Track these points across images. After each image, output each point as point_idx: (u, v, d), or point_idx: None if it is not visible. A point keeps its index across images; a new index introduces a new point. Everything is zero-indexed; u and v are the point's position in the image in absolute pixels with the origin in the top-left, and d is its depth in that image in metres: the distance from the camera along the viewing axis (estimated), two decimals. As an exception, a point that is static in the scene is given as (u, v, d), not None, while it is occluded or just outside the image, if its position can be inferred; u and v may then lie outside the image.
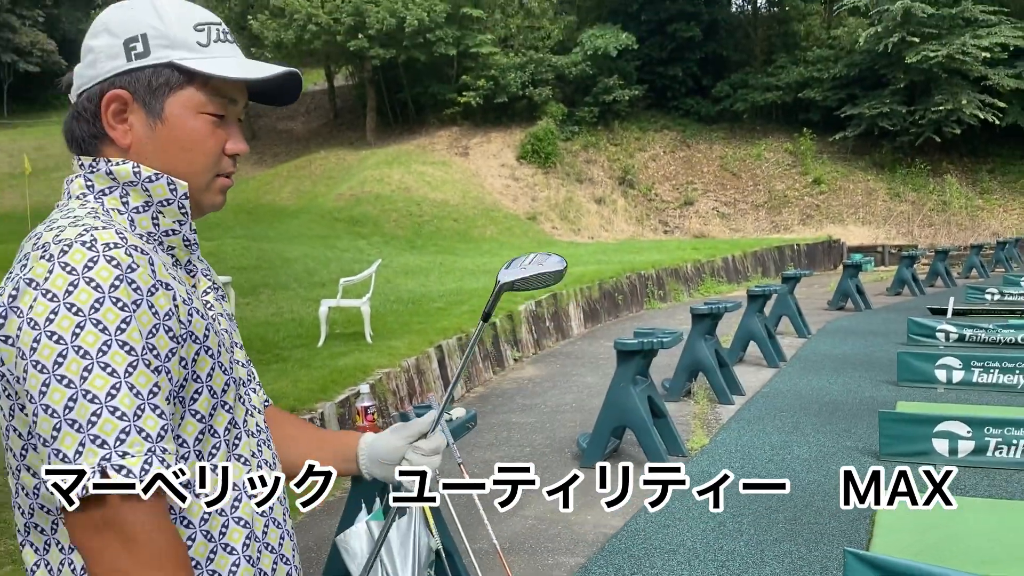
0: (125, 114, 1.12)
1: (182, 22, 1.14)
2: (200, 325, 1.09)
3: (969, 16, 26.17)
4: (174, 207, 1.14)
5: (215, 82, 1.14)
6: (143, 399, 0.97)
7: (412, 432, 1.38)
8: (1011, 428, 5.39)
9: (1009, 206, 26.06)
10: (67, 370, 0.94)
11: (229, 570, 1.11)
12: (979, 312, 12.16)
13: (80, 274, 0.97)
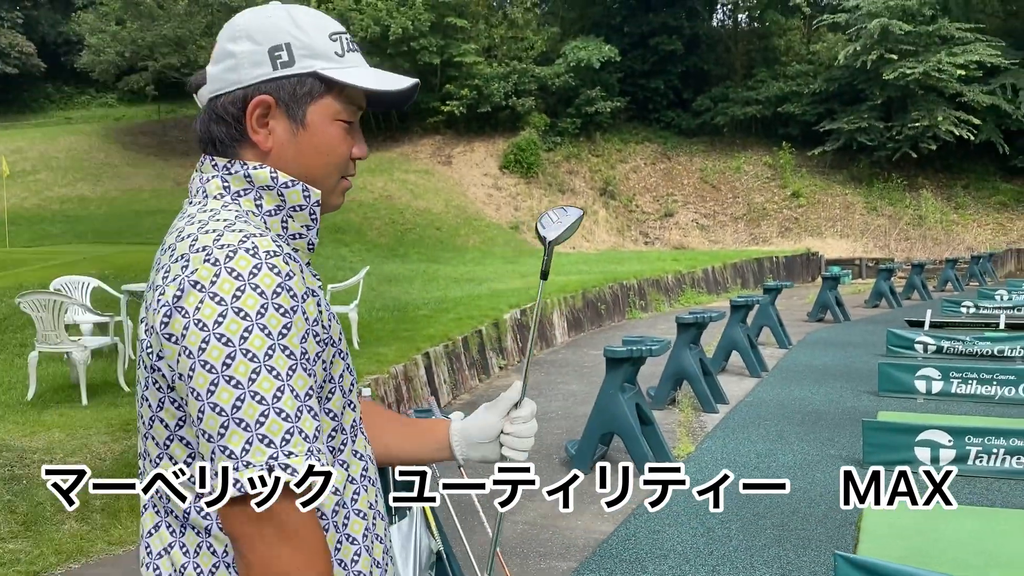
0: (267, 119, 1.16)
1: (319, 32, 1.18)
2: (336, 329, 1.15)
3: (945, 34, 26.66)
4: (305, 213, 1.18)
5: (350, 91, 1.19)
6: (301, 401, 1.01)
7: (503, 406, 1.42)
8: (991, 437, 5.50)
9: (983, 221, 26.50)
10: (235, 371, 0.98)
11: (352, 559, 1.15)
12: (955, 325, 12.37)
13: (246, 280, 1.01)
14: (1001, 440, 5.48)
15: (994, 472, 5.46)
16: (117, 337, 6.67)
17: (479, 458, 1.43)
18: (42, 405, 5.91)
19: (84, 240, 19.43)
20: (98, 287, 8.32)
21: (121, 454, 5.03)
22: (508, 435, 1.40)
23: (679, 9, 31.10)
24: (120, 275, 11.46)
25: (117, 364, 6.53)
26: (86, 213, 24.36)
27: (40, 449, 4.95)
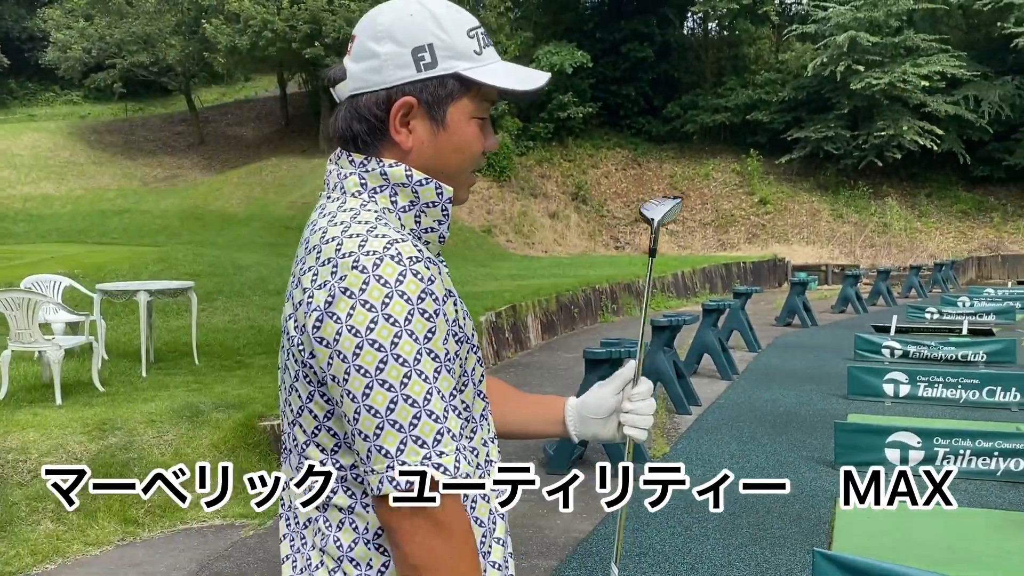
0: (409, 119, 1.19)
1: (459, 29, 1.20)
2: (469, 326, 1.20)
3: (911, 44, 27.21)
4: (437, 209, 1.21)
5: (486, 89, 1.21)
6: (447, 402, 1.08)
7: (618, 383, 1.42)
8: (958, 439, 5.64)
9: (945, 229, 27.06)
10: (388, 375, 1.05)
11: (485, 550, 1.22)
12: (920, 330, 12.62)
13: (393, 287, 1.06)
14: (967, 441, 5.62)
15: (961, 473, 5.59)
16: (91, 336, 6.60)
17: (591, 436, 1.44)
18: (15, 405, 5.83)
19: (48, 239, 19.13)
20: (69, 286, 8.22)
21: (97, 454, 4.99)
22: (628, 413, 1.41)
23: (651, 17, 31.41)
24: (89, 275, 11.32)
25: (91, 364, 6.46)
26: (50, 212, 24.00)
27: (14, 449, 4.89)
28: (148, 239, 18.97)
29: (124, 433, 5.20)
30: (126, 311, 10.00)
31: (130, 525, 4.70)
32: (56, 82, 38.02)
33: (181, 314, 10.25)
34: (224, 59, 27.71)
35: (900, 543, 4.47)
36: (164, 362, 7.63)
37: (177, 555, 4.42)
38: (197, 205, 24.74)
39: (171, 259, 13.73)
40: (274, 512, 5.03)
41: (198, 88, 35.50)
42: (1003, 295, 17.52)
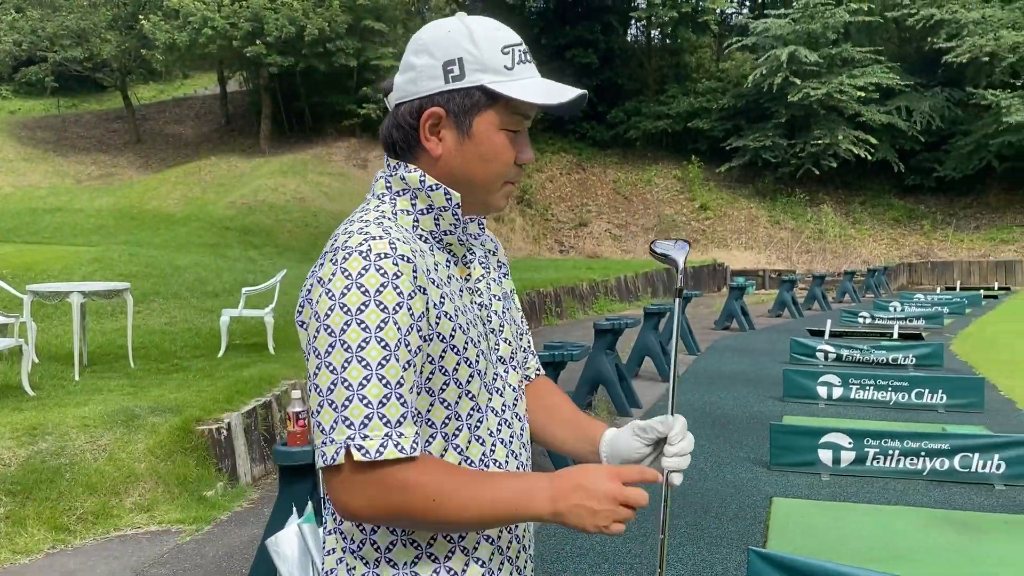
0: (439, 128, 1.27)
1: (492, 46, 1.26)
2: (447, 327, 1.23)
3: (847, 56, 28.01)
4: (449, 213, 1.29)
5: (516, 103, 1.26)
6: (391, 389, 1.14)
7: (651, 436, 1.35)
8: (887, 440, 5.83)
9: (878, 236, 27.87)
10: (333, 359, 1.15)
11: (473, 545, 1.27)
12: (853, 334, 12.98)
13: (354, 279, 1.16)
14: (896, 442, 5.81)
15: (890, 473, 5.78)
16: (21, 339, 6.40)
17: None
18: (-62, 409, 5.62)
19: (-25, 238, 18.45)
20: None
21: (27, 459, 4.84)
22: (672, 457, 1.32)
23: (595, 23, 31.72)
24: (18, 275, 10.97)
25: (20, 367, 6.27)
26: (-23, 210, 23.16)
27: (-62, 455, 4.72)
28: (82, 239, 18.44)
29: (55, 438, 5.06)
30: (58, 313, 9.72)
31: (61, 532, 4.58)
32: (-16, 76, 36.73)
33: (116, 316, 10.00)
34: (162, 56, 27.09)
35: (833, 540, 4.60)
36: (98, 365, 7.43)
37: (111, 562, 4.31)
38: (133, 204, 24.13)
39: (106, 259, 13.38)
40: (211, 517, 4.96)
41: (135, 85, 34.64)
42: (932, 300, 18.12)
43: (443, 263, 1.30)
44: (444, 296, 1.24)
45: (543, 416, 1.51)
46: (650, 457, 1.38)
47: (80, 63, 29.56)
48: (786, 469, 5.92)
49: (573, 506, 1.18)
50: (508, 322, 1.40)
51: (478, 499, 1.17)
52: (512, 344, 1.39)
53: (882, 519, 4.95)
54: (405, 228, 1.27)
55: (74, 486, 4.83)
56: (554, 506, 1.17)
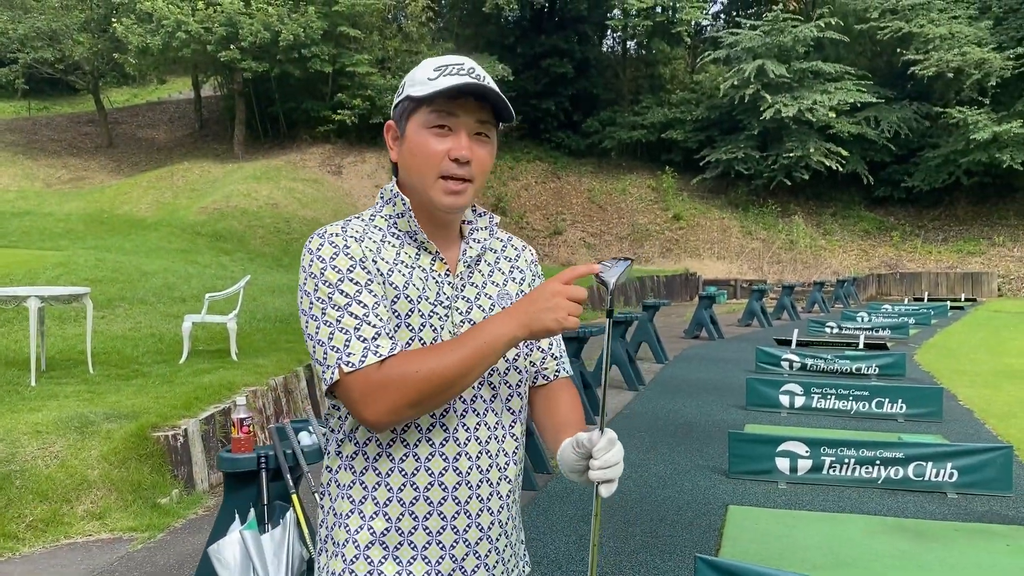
0: (395, 139, 1.55)
1: (427, 67, 1.50)
2: (391, 293, 1.45)
3: (817, 70, 28.36)
4: (406, 219, 1.52)
5: (436, 104, 1.47)
6: (359, 319, 1.40)
7: (583, 451, 1.41)
8: (843, 448, 5.89)
9: (848, 247, 28.19)
10: (313, 311, 1.43)
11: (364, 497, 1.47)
12: (820, 344, 13.12)
13: (314, 253, 1.45)
14: (852, 451, 5.87)
15: (845, 481, 5.84)
16: (-25, 343, 6.31)
17: (574, 480, 1.46)
18: None
19: (-60, 241, 18.17)
20: (-45, 290, 7.84)
21: (-24, 466, 4.78)
22: (597, 470, 1.38)
23: (571, 33, 31.90)
24: (-20, 279, 10.81)
25: (-26, 372, 6.18)
26: (-57, 212, 22.81)
27: None
28: (50, 243, 18.21)
29: (6, 444, 4.99)
30: (19, 317, 9.59)
31: (9, 540, 4.52)
32: (-47, 77, 36.25)
33: (79, 321, 9.88)
34: (135, 60, 26.88)
35: (786, 548, 4.64)
36: (56, 371, 7.34)
37: (58, 571, 4.26)
38: (103, 209, 23.88)
39: (71, 264, 13.22)
40: (164, 525, 4.91)
41: (107, 88, 34.33)
42: (899, 311, 18.35)
43: (413, 255, 1.51)
44: (393, 270, 1.47)
45: (540, 417, 1.64)
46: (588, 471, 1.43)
47: (51, 65, 29.26)
48: (744, 477, 5.97)
49: (532, 312, 1.38)
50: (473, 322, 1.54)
51: (455, 351, 1.37)
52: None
53: (834, 527, 5.00)
54: (378, 226, 1.51)
55: (24, 493, 4.77)
56: (517, 321, 1.38)
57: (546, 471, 6.09)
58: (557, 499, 5.48)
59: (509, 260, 1.63)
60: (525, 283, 1.63)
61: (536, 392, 1.66)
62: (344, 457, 1.49)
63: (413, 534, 1.44)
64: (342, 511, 1.48)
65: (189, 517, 5.10)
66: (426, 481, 1.44)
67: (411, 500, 1.44)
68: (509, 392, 1.54)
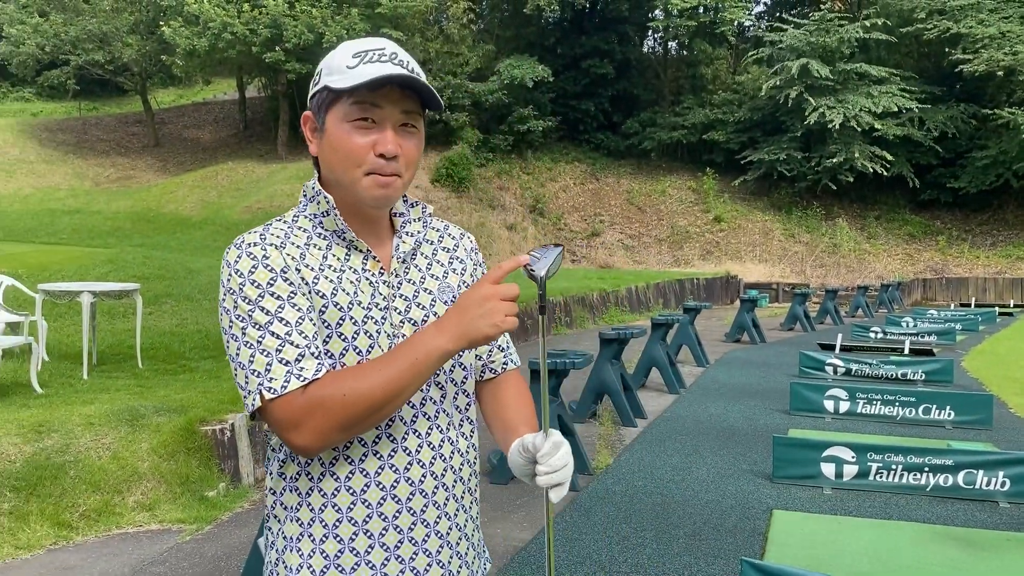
0: (314, 130, 1.44)
1: (345, 53, 1.39)
2: (319, 303, 1.37)
3: (862, 72, 27.91)
4: (331, 218, 1.43)
5: (357, 95, 1.36)
6: (281, 339, 1.32)
7: (528, 455, 1.38)
8: (891, 454, 5.80)
9: (892, 251, 27.72)
10: (233, 330, 1.35)
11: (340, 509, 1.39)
12: (864, 349, 12.92)
13: (232, 266, 1.37)
14: (900, 457, 5.78)
15: (892, 488, 5.75)
16: (31, 337, 6.48)
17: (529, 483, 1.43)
18: (-52, 405, 5.70)
19: (-6, 238, 18.67)
20: (11, 286, 8.05)
21: (32, 456, 4.90)
22: (543, 476, 1.35)
23: (611, 34, 31.79)
24: (34, 274, 11.09)
25: (29, 365, 6.34)
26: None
27: (-55, 449, 4.79)
28: (98, 240, 18.63)
29: (61, 436, 5.11)
30: (71, 312, 9.82)
31: (63, 529, 4.63)
32: (7, 78, 37.22)
33: (127, 317, 10.09)
34: (182, 61, 27.36)
35: (832, 554, 4.59)
36: (107, 365, 7.51)
37: (111, 560, 4.36)
38: (150, 207, 24.35)
39: (120, 261, 13.51)
40: (212, 517, 4.99)
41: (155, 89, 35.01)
42: (945, 317, 17.99)
43: (342, 256, 1.42)
44: (319, 277, 1.38)
45: (489, 414, 1.58)
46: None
47: (101, 66, 29.91)
48: (789, 482, 5.91)
49: (466, 322, 1.31)
50: (437, 315, 1.46)
51: (385, 370, 1.31)
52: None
53: (882, 533, 4.93)
54: (302, 228, 1.42)
55: (78, 483, 4.88)
56: (450, 333, 1.31)
57: (587, 472, 6.09)
58: (598, 500, 5.47)
59: (447, 251, 1.55)
60: (467, 273, 1.56)
61: (483, 387, 1.59)
62: (288, 478, 1.41)
63: (370, 553, 1.37)
64: (292, 534, 1.39)
65: (235, 510, 5.18)
66: (378, 497, 1.37)
67: (363, 519, 1.36)
68: (456, 390, 1.48)
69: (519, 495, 5.59)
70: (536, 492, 5.67)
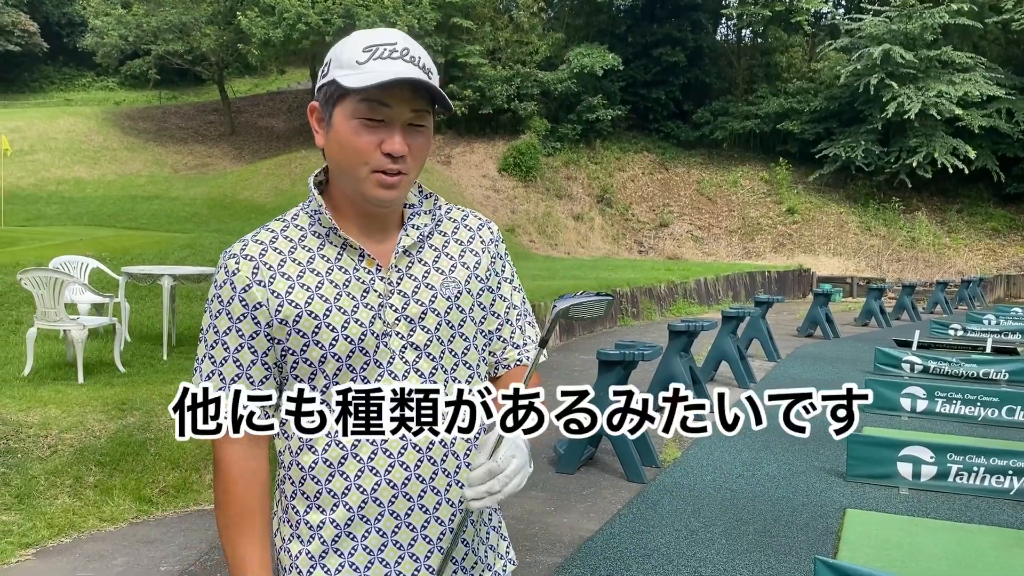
0: (320, 121, 1.41)
1: (355, 46, 1.35)
2: (291, 313, 1.38)
3: (946, 59, 26.87)
4: (324, 216, 1.42)
5: (368, 92, 1.32)
6: (216, 366, 1.41)
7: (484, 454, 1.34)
8: (972, 456, 5.60)
9: (974, 246, 26.71)
10: (201, 331, 1.47)
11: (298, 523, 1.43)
12: (943, 346, 12.49)
13: (214, 276, 1.44)
14: (981, 459, 5.58)
15: (973, 490, 5.55)
16: (115, 318, 6.72)
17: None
18: (38, 381, 5.96)
19: (79, 222, 19.43)
20: (96, 268, 8.36)
21: (116, 432, 5.09)
22: (470, 499, 1.32)
23: (684, 22, 31.30)
24: (116, 258, 11.50)
25: (113, 345, 6.58)
26: (82, 195, 24.37)
27: (36, 424, 5.00)
28: (176, 226, 19.21)
29: (143, 414, 5.29)
30: (151, 295, 10.15)
31: (144, 504, 4.79)
32: (93, 68, 38.61)
33: (204, 301, 10.39)
34: (258, 51, 27.95)
35: (907, 555, 4.46)
36: (185, 346, 7.74)
37: (189, 535, 4.50)
38: (226, 194, 24.99)
39: (197, 246, 13.91)
40: (285, 497, 5.11)
41: (231, 78, 35.85)
42: (1030, 315, 17.27)
43: (333, 256, 1.41)
44: (294, 287, 1.38)
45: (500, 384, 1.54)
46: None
47: (181, 56, 30.77)
48: (863, 481, 5.75)
49: None
50: (437, 312, 1.42)
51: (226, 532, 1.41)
52: (434, 333, 1.41)
53: (961, 537, 4.77)
54: (298, 227, 1.43)
55: (158, 460, 5.05)
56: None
57: (655, 465, 6.04)
58: (666, 492, 5.43)
59: (460, 243, 1.49)
60: (480, 267, 1.50)
61: (496, 382, 1.57)
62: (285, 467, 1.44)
63: (367, 538, 1.37)
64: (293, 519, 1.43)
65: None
66: (372, 482, 1.36)
67: (359, 504, 1.36)
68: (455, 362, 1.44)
69: (585, 486, 5.58)
70: (602, 482, 5.65)
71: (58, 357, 6.82)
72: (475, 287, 1.48)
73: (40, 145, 28.27)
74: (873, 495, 5.52)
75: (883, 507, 5.28)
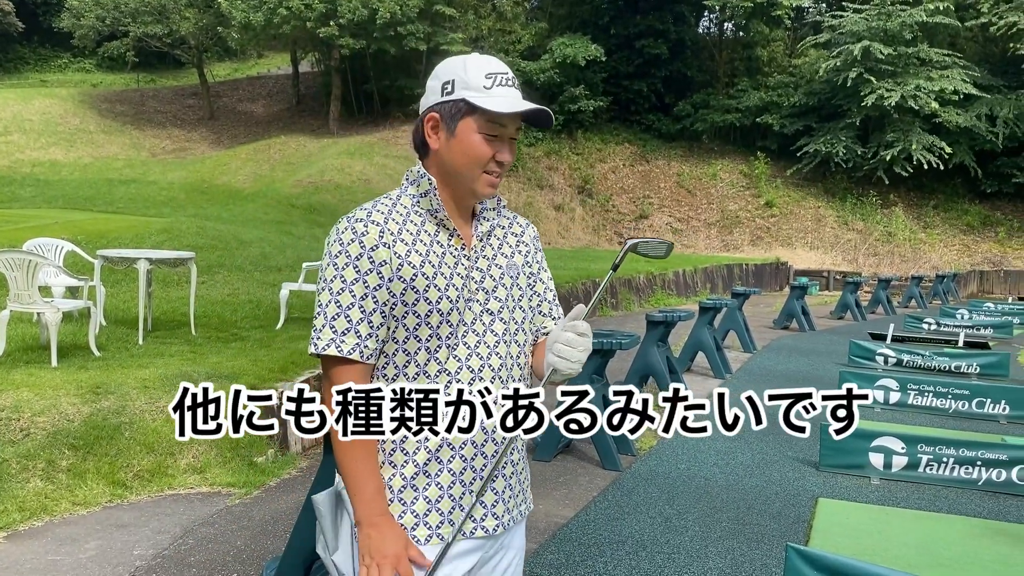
0: (437, 129, 1.73)
1: (478, 72, 1.70)
2: (409, 272, 1.68)
3: (924, 56, 27.11)
4: (431, 197, 1.74)
5: (489, 113, 1.67)
6: (342, 310, 1.66)
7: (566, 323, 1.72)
8: (942, 447, 5.68)
9: (949, 242, 27.04)
10: (319, 285, 1.71)
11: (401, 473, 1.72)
12: (916, 340, 12.65)
13: (337, 236, 1.69)
14: (951, 450, 5.66)
15: (943, 480, 5.64)
16: (90, 301, 6.65)
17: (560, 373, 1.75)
18: (11, 364, 5.89)
19: (54, 205, 19.17)
20: (71, 251, 8.27)
21: (89, 416, 5.05)
22: (560, 344, 1.70)
23: (666, 14, 31.34)
24: (92, 241, 11.37)
25: (88, 328, 6.52)
26: (57, 178, 24.06)
27: (7, 407, 4.95)
28: (153, 210, 19.00)
29: (117, 397, 5.25)
30: (127, 279, 10.06)
31: (119, 488, 4.76)
32: (69, 49, 38.04)
33: (181, 285, 10.31)
34: (238, 34, 27.69)
35: (878, 543, 4.52)
36: (161, 331, 7.68)
37: (163, 519, 4.48)
38: (204, 179, 24.76)
39: (175, 230, 13.77)
40: (260, 482, 5.10)
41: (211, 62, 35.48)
42: (1003, 310, 17.54)
43: (433, 232, 1.74)
44: (411, 251, 1.70)
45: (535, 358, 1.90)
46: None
47: (159, 39, 30.40)
48: (835, 471, 5.83)
49: (365, 535, 1.62)
50: (505, 286, 1.81)
51: (348, 454, 1.65)
52: (504, 303, 1.79)
53: (930, 526, 4.84)
54: (404, 205, 1.74)
55: (132, 444, 5.02)
56: (359, 519, 1.64)
57: (630, 453, 6.08)
58: (641, 480, 5.47)
59: (515, 235, 1.90)
60: (529, 255, 1.90)
61: (536, 347, 1.92)
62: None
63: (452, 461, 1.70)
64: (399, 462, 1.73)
65: (283, 477, 5.28)
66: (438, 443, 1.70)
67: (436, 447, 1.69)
68: (519, 350, 1.82)
69: (562, 473, 5.61)
70: (578, 470, 5.68)
71: (31, 340, 6.75)
72: (526, 270, 1.88)
73: (14, 127, 27.87)
74: (845, 484, 5.60)
75: (854, 496, 5.35)
